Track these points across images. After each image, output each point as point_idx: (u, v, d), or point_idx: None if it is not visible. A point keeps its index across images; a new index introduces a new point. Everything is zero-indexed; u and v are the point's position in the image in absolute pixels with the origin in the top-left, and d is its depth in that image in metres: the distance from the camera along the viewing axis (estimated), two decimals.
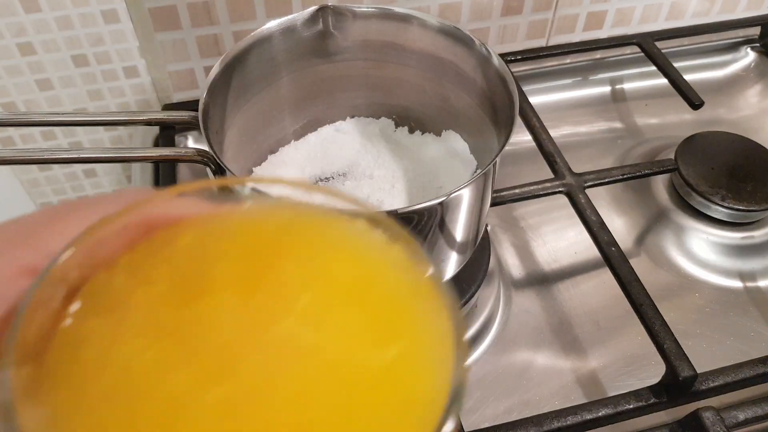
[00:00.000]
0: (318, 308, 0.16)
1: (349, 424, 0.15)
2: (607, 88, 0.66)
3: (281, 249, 0.18)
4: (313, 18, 0.42)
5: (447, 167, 0.45)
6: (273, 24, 0.41)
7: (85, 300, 0.17)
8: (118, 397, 0.15)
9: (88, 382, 0.15)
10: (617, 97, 0.66)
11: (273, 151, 0.47)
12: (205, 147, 0.36)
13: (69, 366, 0.16)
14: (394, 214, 0.32)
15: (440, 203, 0.33)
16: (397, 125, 0.49)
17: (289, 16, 0.41)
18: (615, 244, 0.45)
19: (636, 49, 0.65)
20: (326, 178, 0.46)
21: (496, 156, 0.34)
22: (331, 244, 0.18)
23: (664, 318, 0.40)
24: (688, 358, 0.39)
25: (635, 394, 0.39)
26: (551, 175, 0.51)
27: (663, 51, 0.63)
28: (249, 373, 0.15)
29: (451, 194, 0.32)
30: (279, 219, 0.19)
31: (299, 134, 0.48)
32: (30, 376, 0.15)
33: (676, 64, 0.61)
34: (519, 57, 0.63)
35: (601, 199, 0.54)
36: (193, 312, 0.16)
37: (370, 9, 0.42)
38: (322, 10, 0.42)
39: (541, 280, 0.49)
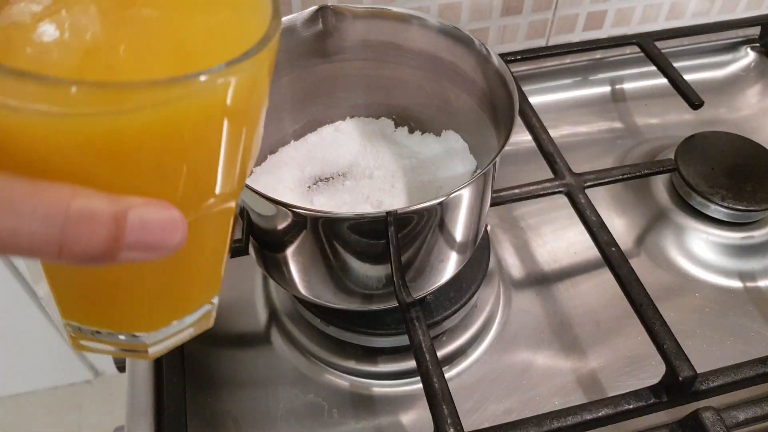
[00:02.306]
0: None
1: (188, 56, 0.20)
2: (607, 88, 0.66)
3: None
4: (312, 18, 0.42)
5: (447, 167, 0.45)
6: None
7: None
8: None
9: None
10: (617, 97, 0.66)
11: (273, 151, 0.47)
12: None
13: None
14: (393, 214, 0.31)
15: (440, 203, 0.33)
16: (396, 125, 0.49)
17: (289, 16, 0.41)
18: (615, 244, 0.45)
19: (636, 49, 0.65)
20: (326, 178, 0.46)
21: (496, 156, 0.34)
22: None
23: (664, 318, 0.40)
24: (688, 358, 0.39)
25: (635, 394, 0.39)
26: (551, 175, 0.51)
27: (663, 51, 0.63)
28: (113, 38, 0.19)
29: (450, 194, 0.32)
30: None
31: (299, 134, 0.48)
32: None
33: (675, 64, 0.61)
34: (519, 57, 0.63)
35: (600, 199, 0.54)
36: (55, 6, 0.20)
37: (369, 9, 0.42)
38: (322, 10, 0.42)
39: (541, 280, 0.49)
